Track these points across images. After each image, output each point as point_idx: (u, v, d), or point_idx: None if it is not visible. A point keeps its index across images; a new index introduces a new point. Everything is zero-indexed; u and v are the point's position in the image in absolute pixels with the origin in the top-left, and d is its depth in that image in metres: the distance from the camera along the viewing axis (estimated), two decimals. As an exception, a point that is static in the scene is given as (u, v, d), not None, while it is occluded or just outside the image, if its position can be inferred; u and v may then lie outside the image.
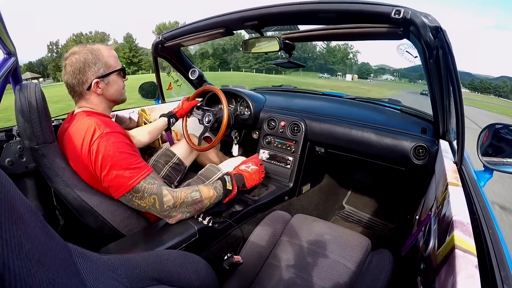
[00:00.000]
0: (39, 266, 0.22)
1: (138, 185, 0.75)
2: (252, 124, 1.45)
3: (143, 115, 1.47)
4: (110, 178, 0.74)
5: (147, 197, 0.76)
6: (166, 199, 0.78)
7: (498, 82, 73.12)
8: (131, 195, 0.76)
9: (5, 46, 0.75)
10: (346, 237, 0.95)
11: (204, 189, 0.86)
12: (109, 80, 0.87)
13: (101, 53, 0.84)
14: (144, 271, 0.49)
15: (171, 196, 0.78)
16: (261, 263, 0.90)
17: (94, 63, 0.83)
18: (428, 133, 1.06)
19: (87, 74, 0.83)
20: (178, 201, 0.79)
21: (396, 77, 79.79)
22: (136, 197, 0.76)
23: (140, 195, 0.76)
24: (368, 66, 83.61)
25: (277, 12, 0.90)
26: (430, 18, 0.68)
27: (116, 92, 0.90)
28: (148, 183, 0.76)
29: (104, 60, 0.85)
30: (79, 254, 0.36)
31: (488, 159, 0.83)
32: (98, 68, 0.84)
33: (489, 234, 0.50)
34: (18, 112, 0.73)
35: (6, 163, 0.89)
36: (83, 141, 0.76)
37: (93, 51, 0.83)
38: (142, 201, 0.76)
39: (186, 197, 0.81)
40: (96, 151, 0.74)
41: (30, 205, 0.26)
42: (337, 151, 1.27)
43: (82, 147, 0.76)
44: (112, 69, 0.87)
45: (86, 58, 0.82)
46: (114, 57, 0.89)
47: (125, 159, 0.75)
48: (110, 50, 0.88)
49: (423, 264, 0.60)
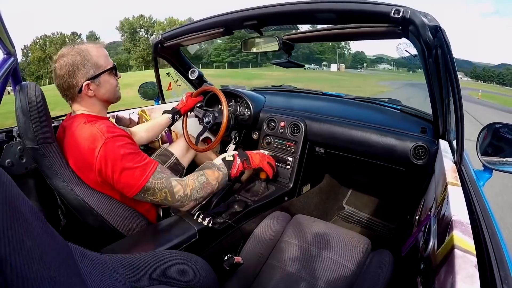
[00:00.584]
0: (40, 264, 0.22)
1: (147, 183, 0.77)
2: (252, 124, 1.45)
3: (143, 115, 1.47)
4: (122, 181, 0.76)
5: (158, 192, 0.79)
6: (176, 189, 0.81)
7: (501, 70, 69.59)
8: (143, 193, 0.78)
9: (5, 47, 0.75)
10: (346, 238, 0.95)
11: (209, 172, 0.89)
12: (100, 81, 0.84)
13: (89, 53, 0.81)
14: (144, 271, 0.49)
15: (180, 186, 0.81)
16: (261, 263, 0.90)
17: (83, 65, 0.80)
18: (427, 133, 1.06)
19: (77, 77, 0.80)
20: (188, 189, 0.82)
21: (394, 67, 75.42)
22: (148, 194, 0.79)
23: (152, 192, 0.78)
24: (363, 55, 76.47)
25: (276, 12, 0.90)
26: (430, 17, 0.68)
27: (109, 91, 0.87)
28: (157, 179, 0.79)
29: (93, 60, 0.82)
30: (79, 253, 0.36)
31: (487, 159, 0.83)
32: (88, 70, 0.81)
33: (488, 234, 0.50)
34: (19, 112, 0.73)
35: (6, 164, 0.89)
36: (87, 148, 0.76)
37: (81, 52, 0.80)
38: (154, 196, 0.79)
39: (194, 183, 0.84)
40: (105, 158, 0.75)
41: (31, 205, 0.26)
42: (337, 152, 1.27)
43: (87, 155, 0.76)
44: (102, 69, 0.84)
45: (74, 61, 0.79)
46: (104, 56, 0.85)
47: (132, 159, 0.77)
48: (99, 49, 0.85)
49: (423, 264, 0.60)
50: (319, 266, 0.86)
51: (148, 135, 1.21)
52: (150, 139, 1.24)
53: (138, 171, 0.76)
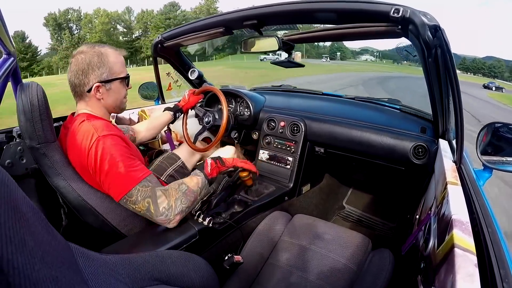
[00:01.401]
0: (42, 264, 0.22)
1: (132, 189, 0.74)
2: (252, 124, 1.46)
3: (143, 115, 1.47)
4: (108, 182, 0.74)
5: (141, 201, 0.74)
6: (160, 200, 0.76)
7: (492, 62, 68.38)
8: (125, 199, 0.75)
9: (5, 46, 0.75)
10: (346, 237, 0.95)
11: (187, 179, 0.85)
12: (111, 87, 0.86)
13: (107, 57, 0.83)
14: (145, 271, 0.49)
15: (164, 197, 0.76)
16: (262, 263, 0.91)
17: (98, 66, 0.82)
18: (427, 133, 1.06)
19: (90, 76, 0.82)
20: (171, 199, 0.77)
21: (378, 58, 69.62)
22: (130, 202, 0.75)
23: (134, 199, 0.74)
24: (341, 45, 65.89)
25: (276, 11, 0.90)
26: (429, 16, 0.68)
27: (116, 101, 0.89)
28: (142, 186, 0.75)
29: (109, 65, 0.83)
30: (80, 253, 0.36)
31: (487, 158, 0.83)
32: (102, 72, 0.83)
33: (488, 233, 0.50)
34: (20, 111, 0.74)
35: (6, 164, 0.89)
36: (81, 145, 0.76)
37: (99, 54, 0.82)
38: (136, 205, 0.75)
39: (177, 192, 0.79)
40: (95, 155, 0.74)
41: (33, 205, 0.26)
42: (336, 151, 1.27)
43: (81, 151, 0.76)
44: (115, 75, 0.86)
45: (91, 60, 0.81)
46: (120, 64, 0.87)
47: (122, 161, 0.74)
48: (118, 55, 0.87)
49: (423, 263, 0.60)
50: (319, 265, 0.86)
51: (150, 133, 1.21)
52: (151, 137, 1.24)
53: (125, 175, 0.73)
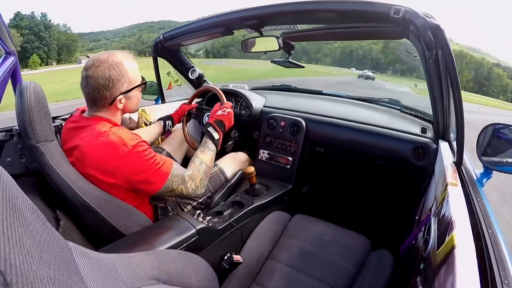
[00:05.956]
0: (40, 263, 0.22)
1: (167, 182, 0.83)
2: (252, 124, 1.45)
3: (143, 115, 1.47)
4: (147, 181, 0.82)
5: (176, 188, 0.85)
6: (189, 184, 0.87)
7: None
8: (162, 191, 0.84)
9: (5, 46, 0.75)
10: (346, 237, 0.95)
11: (203, 156, 0.95)
12: (131, 95, 0.87)
13: (124, 67, 0.83)
14: (144, 270, 0.49)
15: (192, 181, 0.88)
16: (261, 263, 0.90)
17: (118, 79, 0.82)
18: (427, 133, 1.06)
19: (112, 90, 0.82)
20: (197, 181, 0.89)
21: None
22: (166, 192, 0.85)
23: (170, 189, 0.84)
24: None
25: (276, 11, 0.90)
26: (430, 17, 0.68)
27: (134, 104, 0.92)
28: (174, 177, 0.85)
29: (128, 76, 0.84)
30: (79, 253, 0.36)
31: (487, 159, 0.83)
32: (122, 84, 0.83)
33: (488, 234, 0.50)
34: (19, 110, 0.74)
35: (6, 162, 0.89)
36: (112, 155, 0.78)
37: (117, 66, 0.81)
38: (172, 193, 0.86)
39: (200, 174, 0.91)
40: (131, 164, 0.79)
41: (31, 203, 0.26)
42: (336, 151, 1.27)
43: (110, 160, 0.78)
44: (134, 84, 0.87)
45: (110, 74, 0.80)
46: (136, 71, 0.88)
47: (153, 162, 0.82)
48: (133, 62, 0.87)
49: (422, 264, 0.60)
50: (319, 265, 0.86)
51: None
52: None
53: (158, 173, 0.82)
